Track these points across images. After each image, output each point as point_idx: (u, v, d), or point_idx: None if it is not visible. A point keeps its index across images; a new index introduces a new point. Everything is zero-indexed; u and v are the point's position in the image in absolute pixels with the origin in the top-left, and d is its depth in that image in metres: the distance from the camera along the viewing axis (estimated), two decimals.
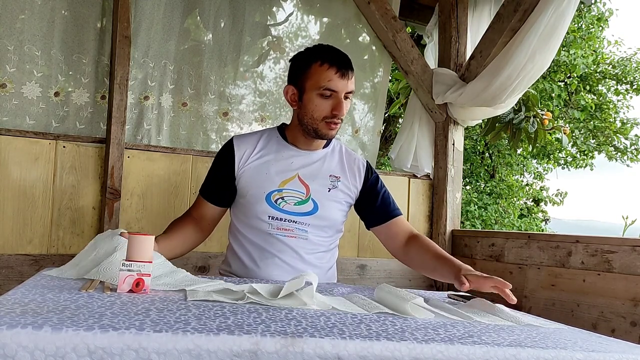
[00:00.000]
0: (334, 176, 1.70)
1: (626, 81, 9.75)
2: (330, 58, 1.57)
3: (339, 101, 1.57)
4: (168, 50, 2.46)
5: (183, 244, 1.63)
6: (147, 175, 2.31)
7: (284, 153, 1.68)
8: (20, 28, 2.15)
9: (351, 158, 1.76)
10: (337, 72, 1.55)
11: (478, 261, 2.69)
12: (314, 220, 1.65)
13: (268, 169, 1.65)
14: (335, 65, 1.55)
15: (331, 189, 1.68)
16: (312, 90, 1.58)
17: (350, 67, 1.58)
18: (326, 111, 1.58)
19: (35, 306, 0.87)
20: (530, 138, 3.19)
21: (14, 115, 2.16)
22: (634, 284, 1.97)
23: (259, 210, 1.62)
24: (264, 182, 1.63)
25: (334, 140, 1.76)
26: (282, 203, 1.63)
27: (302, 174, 1.66)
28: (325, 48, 1.62)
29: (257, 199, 1.63)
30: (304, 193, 1.65)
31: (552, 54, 2.40)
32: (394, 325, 0.99)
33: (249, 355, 0.78)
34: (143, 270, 1.09)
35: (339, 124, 1.62)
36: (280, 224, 1.63)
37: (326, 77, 1.55)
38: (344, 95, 1.58)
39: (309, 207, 1.64)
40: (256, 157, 1.67)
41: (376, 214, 1.76)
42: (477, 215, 8.70)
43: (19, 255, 2.07)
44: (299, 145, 1.69)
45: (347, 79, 1.57)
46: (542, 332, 1.11)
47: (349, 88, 1.58)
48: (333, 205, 1.68)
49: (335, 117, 1.58)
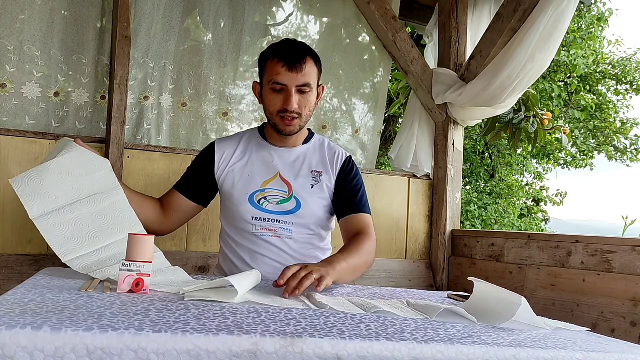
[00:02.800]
0: (316, 171, 1.69)
1: (626, 81, 9.75)
2: (280, 52, 1.57)
3: (289, 95, 1.55)
4: (168, 50, 2.46)
5: (142, 205, 1.61)
6: (147, 175, 2.31)
7: (264, 152, 1.69)
8: (20, 28, 2.15)
9: (332, 152, 1.75)
10: (285, 66, 1.54)
11: (478, 261, 2.69)
12: (297, 219, 1.65)
13: (250, 170, 1.66)
14: (283, 60, 1.55)
15: (314, 185, 1.68)
16: (266, 85, 1.60)
17: (300, 60, 1.55)
18: (278, 105, 1.58)
19: (34, 306, 0.87)
20: (530, 138, 3.19)
21: (14, 116, 2.16)
22: (633, 284, 1.97)
23: (243, 212, 1.63)
24: (246, 184, 1.65)
25: (316, 136, 1.76)
26: (265, 203, 1.64)
27: (283, 173, 1.67)
28: (281, 43, 1.62)
29: (240, 201, 1.64)
30: (286, 192, 1.65)
31: (552, 54, 2.40)
32: (393, 326, 0.99)
33: (248, 355, 0.78)
34: (143, 270, 1.09)
35: (296, 119, 1.59)
36: (264, 224, 1.63)
37: (275, 71, 1.56)
38: (297, 88, 1.56)
39: (291, 206, 1.64)
40: (238, 159, 1.69)
41: (339, 206, 1.71)
42: (477, 215, 8.69)
43: (18, 256, 2.07)
44: (276, 143, 1.70)
45: (296, 72, 1.54)
46: (542, 332, 1.11)
47: (300, 81, 1.55)
48: (316, 201, 1.67)
49: (286, 111, 1.56)
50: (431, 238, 2.94)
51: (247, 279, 1.20)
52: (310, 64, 1.58)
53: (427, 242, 2.95)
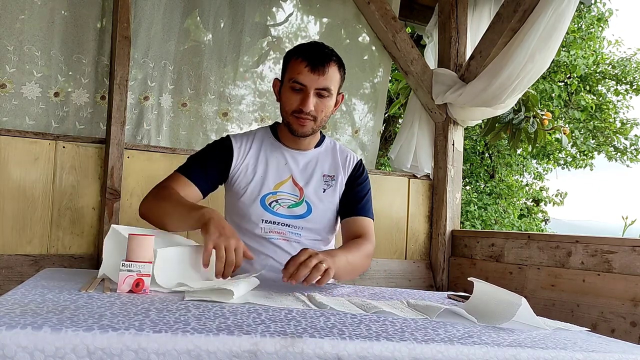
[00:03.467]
0: (328, 176, 1.68)
1: (626, 81, 9.75)
2: (304, 52, 1.55)
3: (306, 95, 1.53)
4: (168, 51, 2.46)
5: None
6: (147, 176, 2.31)
7: (277, 154, 1.66)
8: (20, 28, 2.15)
9: (344, 155, 1.73)
10: (308, 66, 1.52)
11: (478, 261, 2.69)
12: (307, 224, 1.63)
13: (263, 171, 1.63)
14: (307, 60, 1.52)
15: (326, 189, 1.66)
16: (286, 83, 1.57)
17: (324, 63, 1.53)
18: (294, 105, 1.55)
19: (34, 306, 0.87)
20: (530, 138, 3.19)
21: (14, 116, 2.16)
22: (633, 284, 1.97)
23: (253, 214, 1.60)
24: (258, 184, 1.62)
25: (327, 139, 1.74)
26: (276, 206, 1.61)
27: (296, 176, 1.64)
28: (309, 44, 1.60)
29: (252, 202, 1.61)
30: (297, 195, 1.63)
31: (552, 54, 2.40)
32: (393, 326, 0.99)
33: (248, 355, 0.78)
34: (143, 270, 1.09)
35: (309, 120, 1.56)
36: (273, 227, 1.60)
37: (297, 70, 1.53)
38: (316, 91, 1.54)
39: (302, 210, 1.62)
40: (252, 158, 1.65)
41: (343, 207, 1.69)
42: (477, 215, 8.69)
43: (18, 256, 2.07)
44: (288, 144, 1.67)
45: (318, 75, 1.52)
46: (542, 332, 1.11)
47: (321, 84, 1.53)
48: (327, 206, 1.66)
49: (301, 112, 1.54)
50: (431, 238, 2.94)
51: (246, 282, 1.20)
52: (333, 69, 1.55)
53: (427, 243, 2.95)
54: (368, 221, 1.68)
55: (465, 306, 1.24)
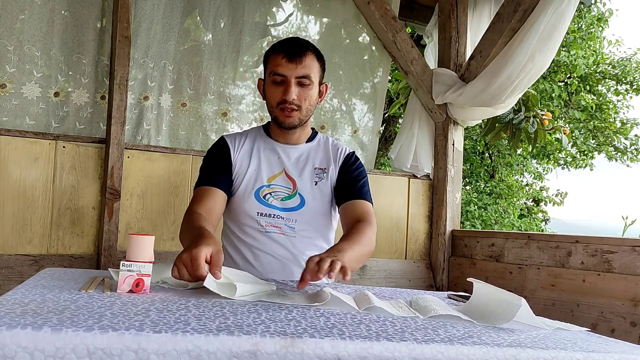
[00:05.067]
0: (319, 168, 1.70)
1: (626, 81, 9.75)
2: (281, 46, 1.60)
3: (288, 85, 1.57)
4: (168, 51, 2.46)
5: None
6: (146, 176, 2.31)
7: (269, 149, 1.71)
8: (20, 28, 2.15)
9: (335, 148, 1.76)
10: (285, 57, 1.57)
11: (478, 261, 2.69)
12: (301, 216, 1.65)
13: (257, 165, 1.67)
14: (283, 51, 1.58)
15: (318, 182, 1.69)
16: (268, 78, 1.62)
17: (301, 53, 1.57)
18: (278, 97, 1.59)
19: (35, 306, 0.87)
20: (530, 138, 3.19)
21: (14, 116, 2.16)
22: (633, 284, 1.97)
23: (248, 207, 1.63)
24: (252, 179, 1.66)
25: (319, 135, 1.77)
26: (270, 198, 1.64)
27: (288, 169, 1.68)
28: (285, 39, 1.65)
29: (246, 195, 1.64)
30: (290, 188, 1.66)
31: (552, 54, 2.40)
32: (393, 326, 0.99)
33: (248, 356, 0.78)
34: (143, 270, 1.09)
35: (295, 110, 1.59)
36: (269, 220, 1.63)
37: (275, 63, 1.59)
38: (297, 80, 1.58)
39: (295, 202, 1.65)
40: (245, 154, 1.69)
41: (340, 193, 1.70)
42: (477, 215, 8.69)
43: (18, 256, 2.07)
44: (280, 140, 1.71)
45: (296, 63, 1.57)
46: (542, 332, 1.11)
47: (300, 72, 1.57)
48: (319, 198, 1.68)
49: (285, 102, 1.58)
50: (431, 238, 2.94)
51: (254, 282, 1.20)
52: (310, 58, 1.60)
53: (427, 242, 2.95)
54: (367, 204, 1.67)
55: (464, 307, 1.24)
